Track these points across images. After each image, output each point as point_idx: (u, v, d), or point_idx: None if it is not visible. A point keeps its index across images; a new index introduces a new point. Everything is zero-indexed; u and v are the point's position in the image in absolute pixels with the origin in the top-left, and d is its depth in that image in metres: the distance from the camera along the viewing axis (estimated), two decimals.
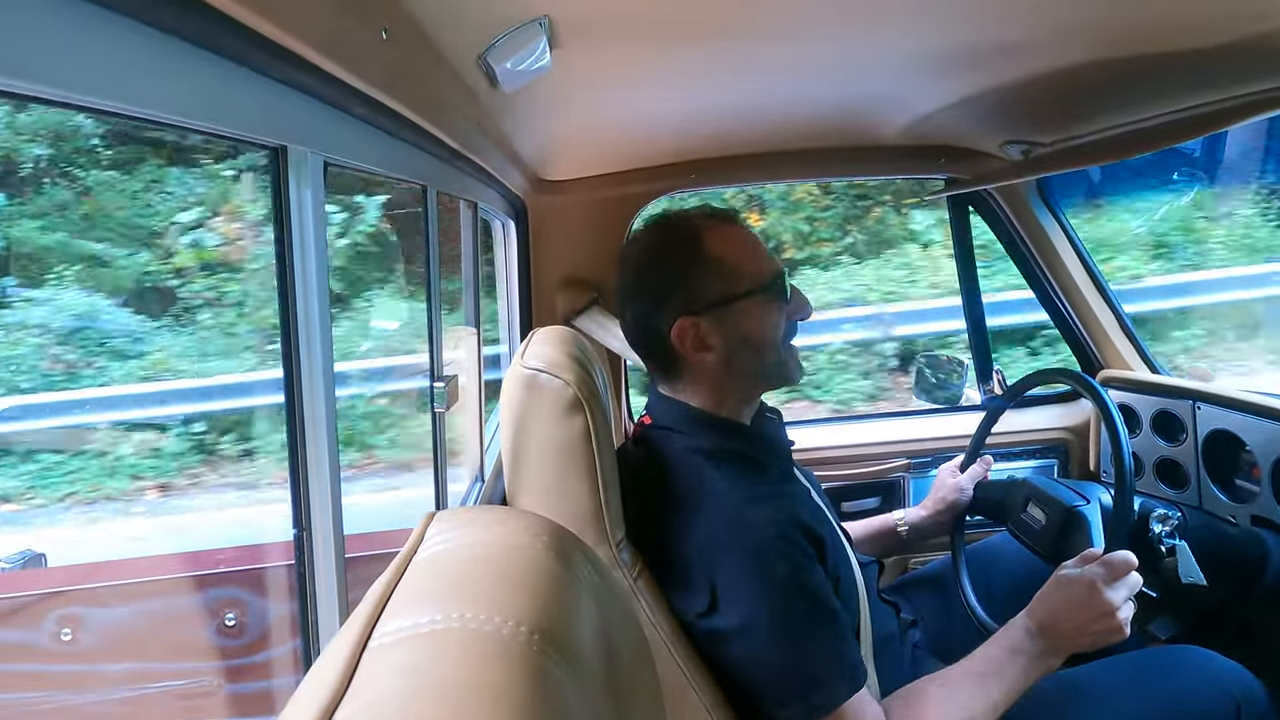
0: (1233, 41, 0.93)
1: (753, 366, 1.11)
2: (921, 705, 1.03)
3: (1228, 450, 1.54)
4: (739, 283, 1.08)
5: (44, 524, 3.19)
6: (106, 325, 3.39)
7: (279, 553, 1.60)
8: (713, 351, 1.09)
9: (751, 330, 1.09)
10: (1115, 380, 1.79)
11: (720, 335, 1.08)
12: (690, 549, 1.01)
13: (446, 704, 0.33)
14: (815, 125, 1.58)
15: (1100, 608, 1.06)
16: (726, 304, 1.08)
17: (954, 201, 1.88)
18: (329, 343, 0.71)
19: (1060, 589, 1.09)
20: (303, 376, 0.69)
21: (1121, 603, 1.07)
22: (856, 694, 0.98)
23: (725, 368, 1.10)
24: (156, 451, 3.51)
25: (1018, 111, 1.38)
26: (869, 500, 1.85)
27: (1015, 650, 1.07)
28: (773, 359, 1.12)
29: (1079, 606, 1.07)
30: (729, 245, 1.10)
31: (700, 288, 1.08)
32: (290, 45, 0.52)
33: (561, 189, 1.78)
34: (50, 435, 3.31)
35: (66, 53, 0.39)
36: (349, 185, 3.27)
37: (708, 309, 1.08)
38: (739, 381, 1.12)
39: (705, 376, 1.11)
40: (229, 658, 1.51)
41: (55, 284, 3.22)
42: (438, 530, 0.50)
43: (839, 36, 1.02)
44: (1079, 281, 1.82)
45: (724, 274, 1.08)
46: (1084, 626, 1.06)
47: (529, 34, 0.83)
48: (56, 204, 3.29)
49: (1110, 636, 1.07)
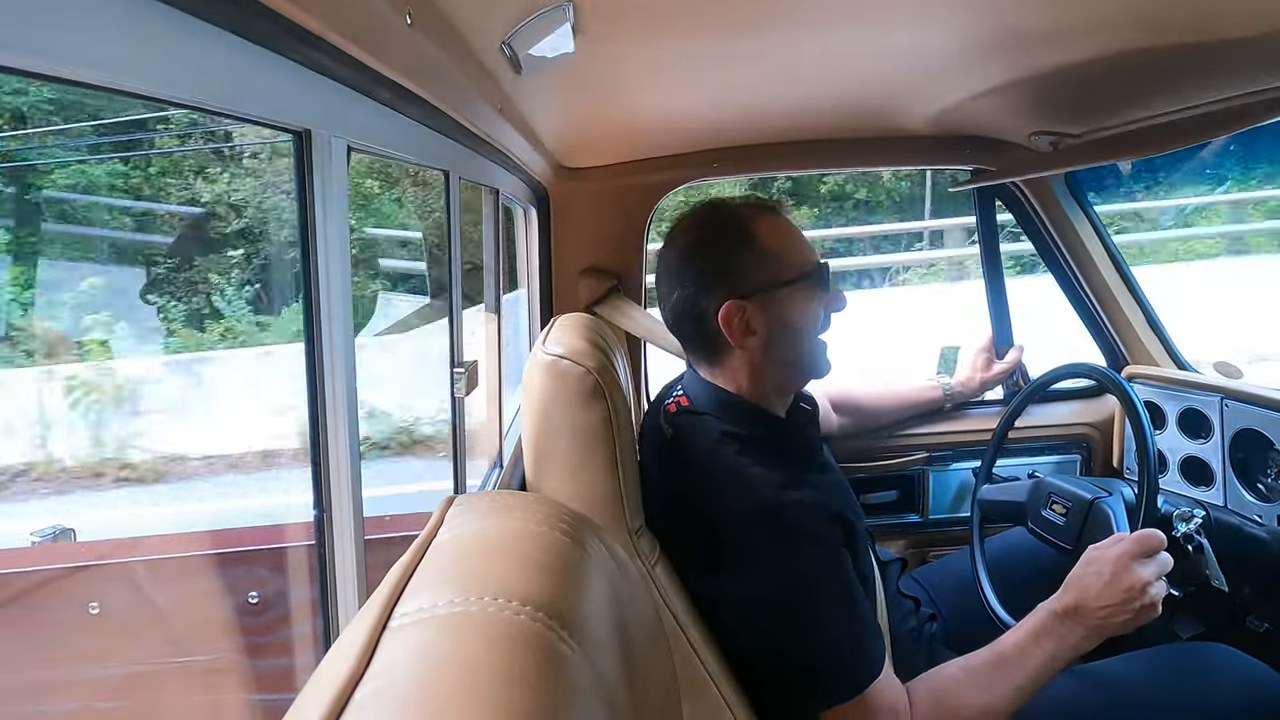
0: (1274, 31, 0.90)
1: (790, 354, 1.14)
2: (943, 688, 1.03)
3: (1255, 449, 1.52)
4: (785, 270, 1.11)
5: None
6: None
7: (300, 533, 1.63)
8: (756, 336, 1.12)
9: (793, 318, 1.12)
10: (1141, 376, 1.76)
11: (764, 320, 1.11)
12: (722, 531, 1.02)
13: (463, 685, 0.34)
14: (839, 115, 1.56)
15: (1131, 582, 1.04)
16: (772, 290, 1.11)
17: (980, 194, 1.85)
18: (350, 325, 0.71)
19: (1090, 567, 1.08)
20: (324, 359, 0.70)
21: (1153, 579, 1.05)
22: (878, 678, 0.98)
23: (765, 353, 1.13)
24: None
25: (1048, 101, 1.35)
26: (888, 493, 1.84)
27: (1041, 633, 1.05)
28: (808, 348, 1.14)
29: (1110, 583, 1.05)
30: (777, 234, 1.13)
31: (749, 273, 1.11)
32: (316, 30, 0.52)
33: (583, 176, 1.78)
34: None
35: (95, 35, 0.39)
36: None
37: (755, 293, 1.10)
38: (776, 369, 1.14)
39: (745, 362, 1.13)
40: (251, 635, 1.54)
41: None
42: (457, 514, 0.50)
43: (865, 25, 1.00)
44: (1106, 277, 1.79)
45: (772, 261, 1.11)
46: (1116, 604, 1.04)
47: (553, 19, 0.83)
48: None
49: (1142, 615, 1.05)
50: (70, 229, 5.08)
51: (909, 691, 1.02)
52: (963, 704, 1.01)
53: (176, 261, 5.39)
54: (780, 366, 1.14)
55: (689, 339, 1.17)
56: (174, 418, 4.65)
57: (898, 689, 1.01)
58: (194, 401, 4.75)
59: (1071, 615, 1.05)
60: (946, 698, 1.02)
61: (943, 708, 1.01)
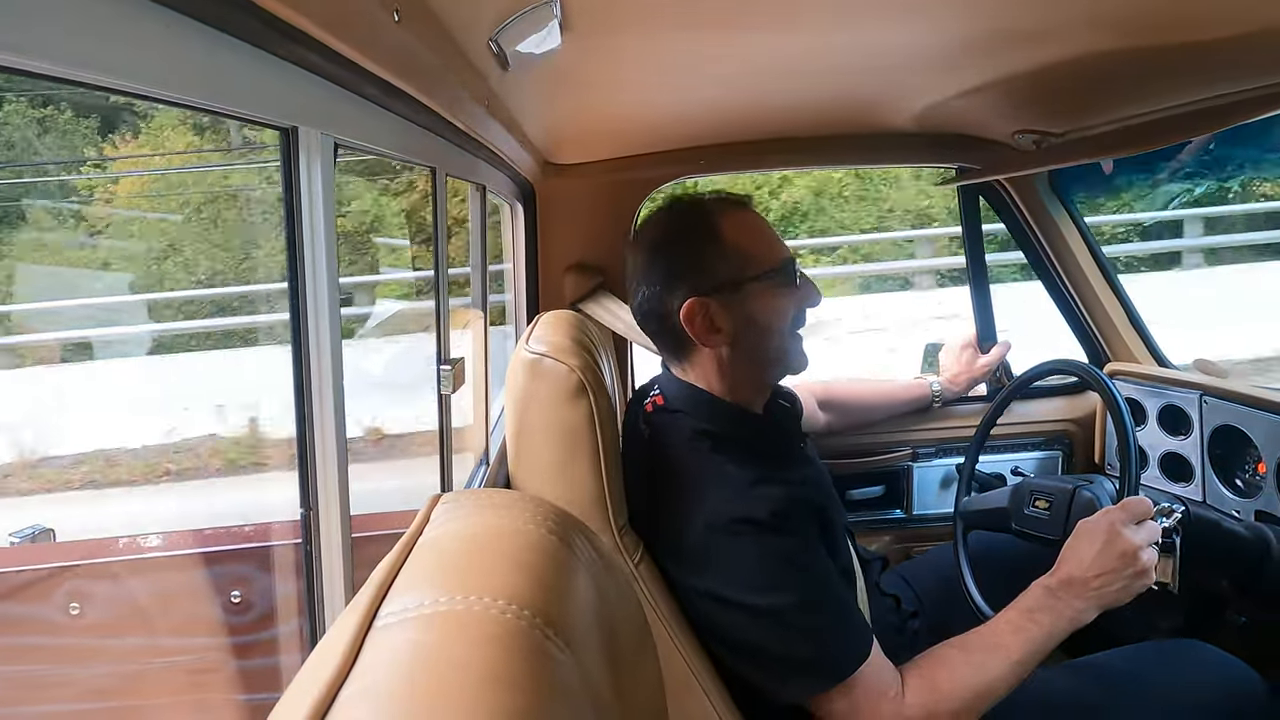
0: (1254, 32, 0.91)
1: (759, 351, 1.12)
2: (936, 668, 1.03)
3: (1233, 445, 1.54)
4: (750, 266, 1.10)
5: None
6: None
7: (285, 531, 1.62)
8: (720, 333, 1.10)
9: (759, 314, 1.10)
10: (1122, 373, 1.78)
11: (729, 317, 1.10)
12: (698, 530, 1.02)
13: (449, 684, 0.34)
14: (826, 113, 1.56)
15: (1123, 547, 1.05)
16: (737, 287, 1.09)
17: (964, 190, 1.86)
18: (337, 322, 0.71)
19: (1082, 537, 1.09)
20: (311, 356, 0.70)
21: (1144, 544, 1.06)
22: (866, 661, 0.98)
23: (733, 351, 1.12)
24: None
25: (1031, 101, 1.36)
26: (873, 489, 1.85)
27: (1036, 609, 1.05)
28: (778, 345, 1.13)
29: (1102, 551, 1.05)
30: (742, 229, 1.12)
31: (712, 269, 1.09)
32: (302, 26, 0.52)
33: (570, 173, 1.77)
34: None
35: (81, 31, 0.39)
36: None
37: (718, 290, 1.09)
38: (746, 366, 1.13)
39: (714, 359, 1.12)
40: (234, 634, 1.53)
41: None
42: (443, 513, 0.50)
43: (851, 25, 1.01)
44: (1088, 274, 1.81)
45: (736, 257, 1.10)
46: (1110, 571, 1.05)
47: (540, 16, 0.83)
48: None
49: (1136, 582, 1.05)
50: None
51: (902, 674, 1.01)
52: (957, 683, 1.00)
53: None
54: (750, 364, 1.13)
55: (657, 336, 1.16)
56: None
57: (889, 671, 1.01)
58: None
59: (1066, 587, 1.05)
60: (941, 677, 1.01)
61: (937, 687, 1.00)
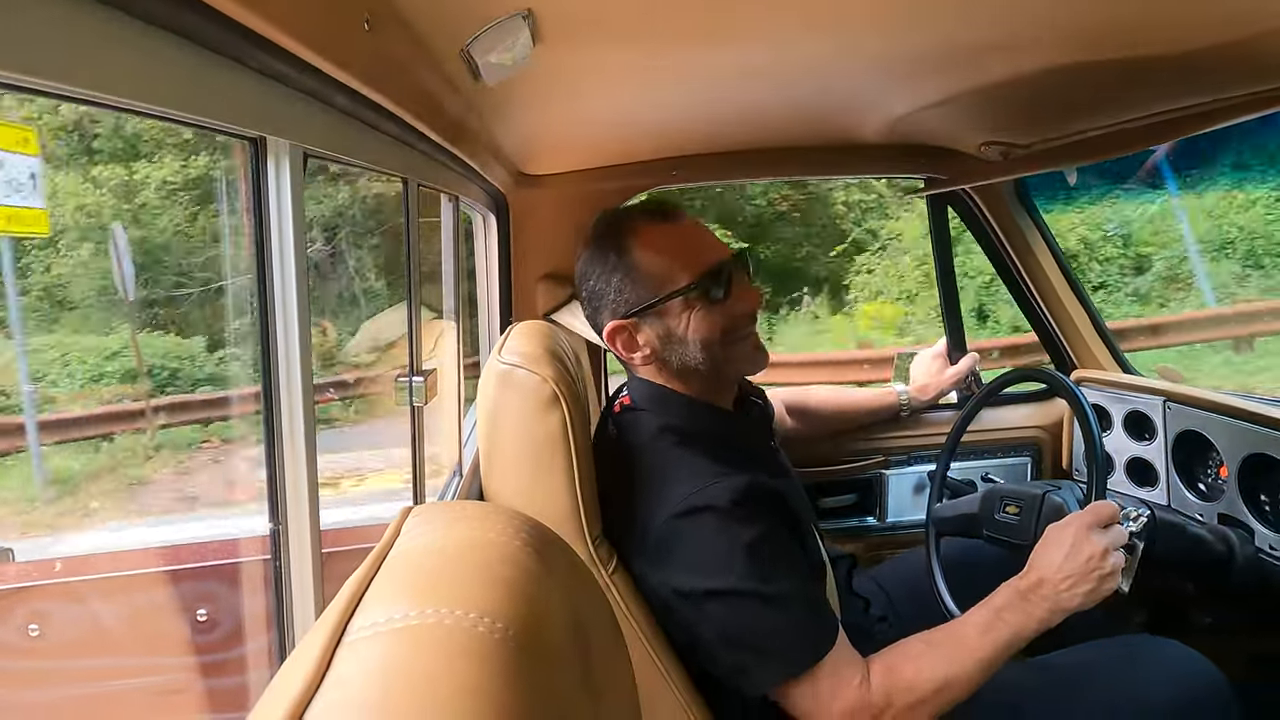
0: (1212, 45, 0.94)
1: (691, 363, 1.12)
2: (902, 660, 1.03)
3: (1196, 449, 1.57)
4: (666, 284, 1.10)
5: None
6: None
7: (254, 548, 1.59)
8: (643, 350, 1.12)
9: (680, 330, 1.11)
10: (1089, 380, 1.81)
11: (650, 336, 1.12)
12: (663, 517, 1.01)
13: (421, 698, 0.33)
14: (795, 124, 1.58)
15: (1091, 551, 1.07)
16: (649, 307, 1.10)
17: (933, 200, 1.89)
18: (307, 336, 0.70)
19: (1051, 541, 1.10)
20: (279, 370, 0.69)
21: (1111, 547, 1.08)
22: (831, 650, 0.99)
23: (664, 365, 1.13)
24: None
25: (997, 113, 1.39)
26: (846, 496, 1.86)
27: (1004, 608, 1.06)
28: (711, 355, 1.12)
29: (1070, 554, 1.07)
30: (656, 248, 1.11)
31: (624, 294, 1.11)
32: (271, 35, 0.51)
33: (543, 183, 1.77)
34: None
35: (45, 41, 0.38)
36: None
37: (634, 313, 1.11)
38: (685, 376, 1.14)
39: (658, 369, 1.15)
40: (201, 653, 1.50)
41: None
42: (414, 525, 0.50)
43: (820, 38, 1.02)
44: (1054, 282, 1.84)
45: (648, 280, 1.10)
46: (1078, 574, 1.06)
47: (512, 27, 0.83)
48: None
49: (1103, 585, 1.07)
50: None
51: (869, 663, 1.02)
52: (923, 675, 1.01)
53: None
54: (687, 374, 1.14)
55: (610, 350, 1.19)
56: None
57: (856, 659, 1.01)
58: None
59: (1035, 589, 1.07)
60: (906, 669, 1.01)
61: (901, 678, 1.01)
